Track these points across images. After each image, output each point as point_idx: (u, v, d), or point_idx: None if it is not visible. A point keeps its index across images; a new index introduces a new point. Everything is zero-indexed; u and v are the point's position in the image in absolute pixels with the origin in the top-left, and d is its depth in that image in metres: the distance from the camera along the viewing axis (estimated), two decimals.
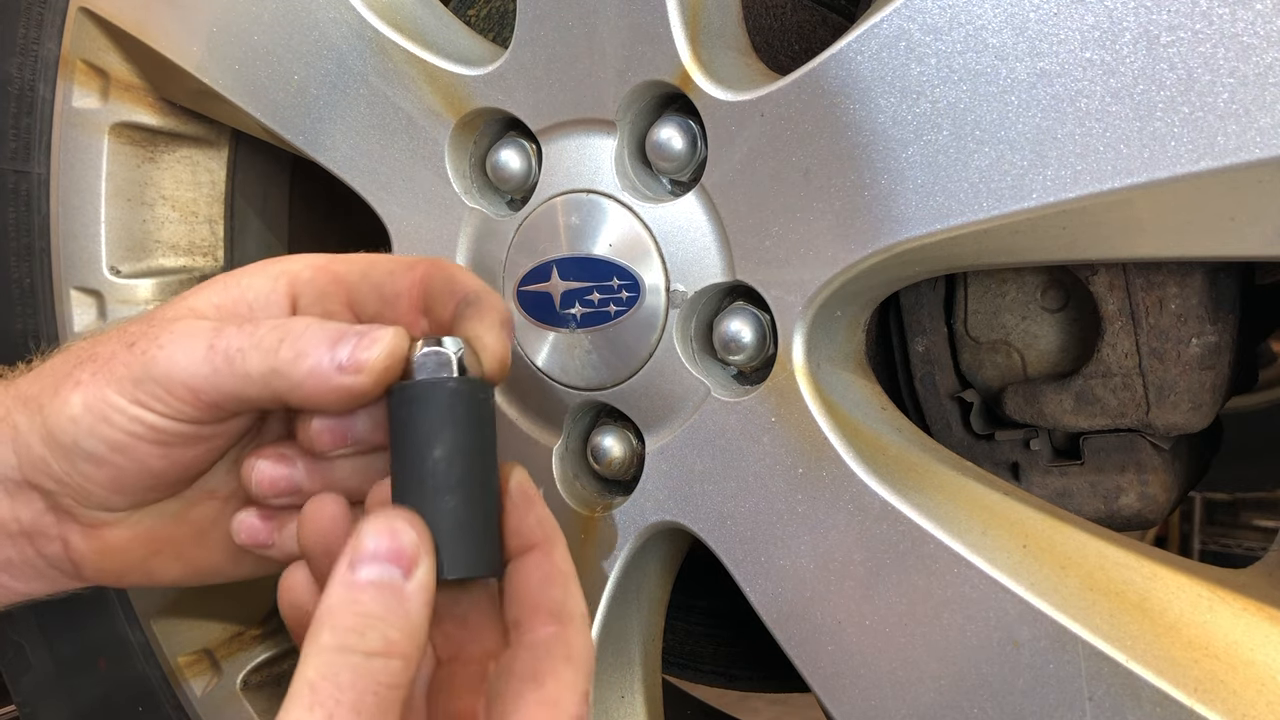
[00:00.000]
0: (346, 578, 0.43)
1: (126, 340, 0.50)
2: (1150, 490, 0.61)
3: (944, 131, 0.47)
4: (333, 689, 0.40)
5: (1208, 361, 0.58)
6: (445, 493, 0.46)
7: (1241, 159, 0.41)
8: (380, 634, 0.42)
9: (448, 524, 0.46)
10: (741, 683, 0.95)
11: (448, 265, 0.52)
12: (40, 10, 0.78)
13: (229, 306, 0.51)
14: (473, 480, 0.47)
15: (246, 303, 0.51)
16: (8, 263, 0.82)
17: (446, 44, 0.65)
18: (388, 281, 0.51)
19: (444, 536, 0.46)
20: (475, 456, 0.47)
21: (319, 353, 0.47)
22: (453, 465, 0.46)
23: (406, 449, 0.47)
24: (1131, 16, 0.42)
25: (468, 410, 0.47)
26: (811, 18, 0.68)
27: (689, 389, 0.58)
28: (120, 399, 0.49)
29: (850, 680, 0.53)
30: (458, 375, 0.48)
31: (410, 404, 0.47)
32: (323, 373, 0.47)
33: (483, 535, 0.47)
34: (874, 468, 0.52)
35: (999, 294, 0.63)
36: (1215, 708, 0.44)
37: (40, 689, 0.88)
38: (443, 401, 0.47)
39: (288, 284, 0.52)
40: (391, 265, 0.52)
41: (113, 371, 0.49)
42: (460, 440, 0.47)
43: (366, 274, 0.52)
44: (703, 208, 0.56)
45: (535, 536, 0.49)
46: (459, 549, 0.46)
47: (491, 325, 0.50)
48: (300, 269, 0.52)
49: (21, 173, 0.80)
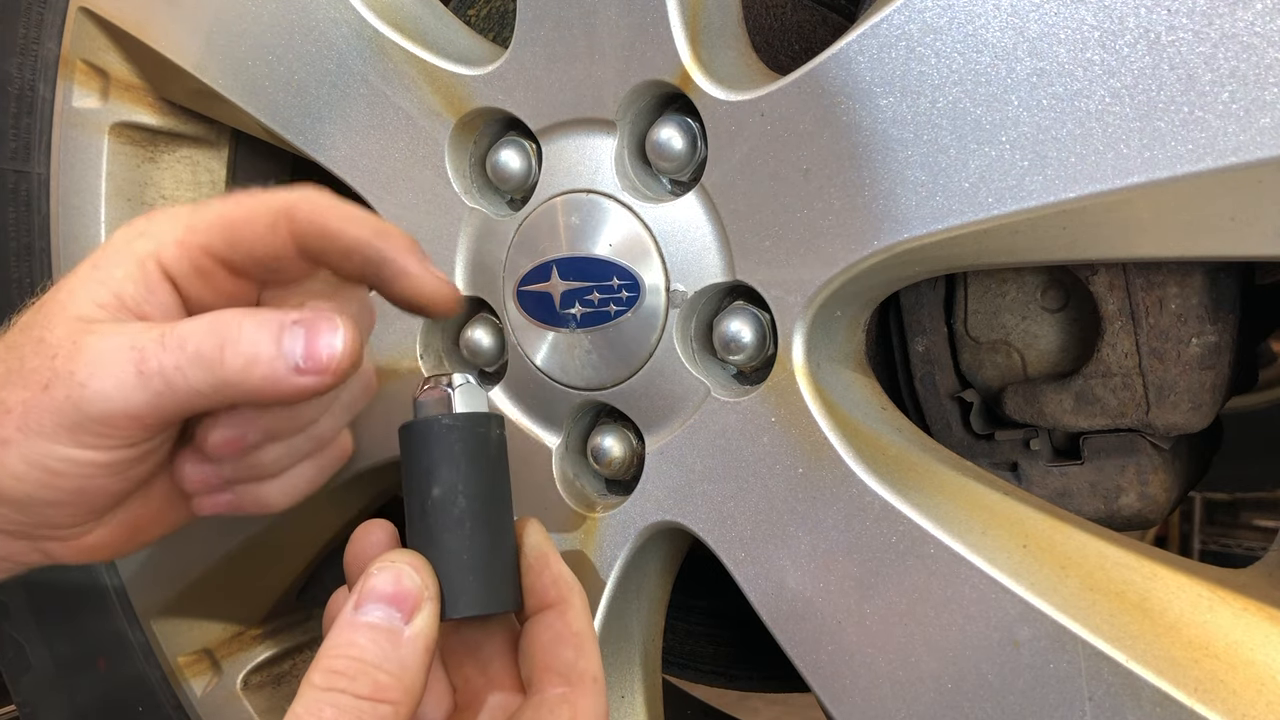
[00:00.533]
0: (350, 618, 0.44)
1: (37, 381, 0.46)
2: (1150, 490, 0.61)
3: (944, 131, 0.47)
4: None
5: (1208, 361, 0.58)
6: (445, 531, 0.46)
7: (1241, 159, 0.40)
8: (371, 679, 0.42)
9: (449, 563, 0.46)
10: (741, 683, 0.95)
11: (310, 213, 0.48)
12: (40, 10, 0.78)
13: (113, 304, 0.48)
14: (475, 517, 0.47)
15: (129, 296, 0.48)
16: (8, 263, 0.82)
17: (446, 44, 0.65)
18: (259, 247, 0.48)
19: (446, 575, 0.46)
20: (477, 493, 0.47)
21: (269, 355, 0.45)
22: (451, 503, 0.46)
23: (411, 488, 0.47)
24: (1132, 16, 0.42)
25: (466, 447, 0.47)
26: (811, 17, 0.68)
27: (689, 389, 0.58)
28: (62, 448, 0.46)
29: (850, 680, 0.53)
30: (454, 412, 0.47)
31: (411, 443, 0.47)
32: (278, 377, 0.45)
33: (487, 572, 0.47)
34: (874, 468, 0.52)
35: (999, 294, 0.63)
36: (1215, 708, 0.44)
37: (40, 689, 0.88)
38: (439, 439, 0.47)
39: (158, 268, 0.49)
40: (254, 229, 0.48)
41: (40, 422, 0.46)
42: (457, 477, 0.46)
43: (233, 244, 0.49)
44: (703, 207, 0.56)
45: (550, 596, 0.49)
46: (460, 588, 0.46)
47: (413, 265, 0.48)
48: (163, 249, 0.48)
49: (21, 173, 0.80)
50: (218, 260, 0.49)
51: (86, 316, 0.47)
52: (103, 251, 0.49)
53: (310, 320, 0.46)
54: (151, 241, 0.49)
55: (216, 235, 0.49)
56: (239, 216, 0.49)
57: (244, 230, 0.48)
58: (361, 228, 0.48)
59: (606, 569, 0.61)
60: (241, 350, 0.45)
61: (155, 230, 0.49)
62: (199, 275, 0.49)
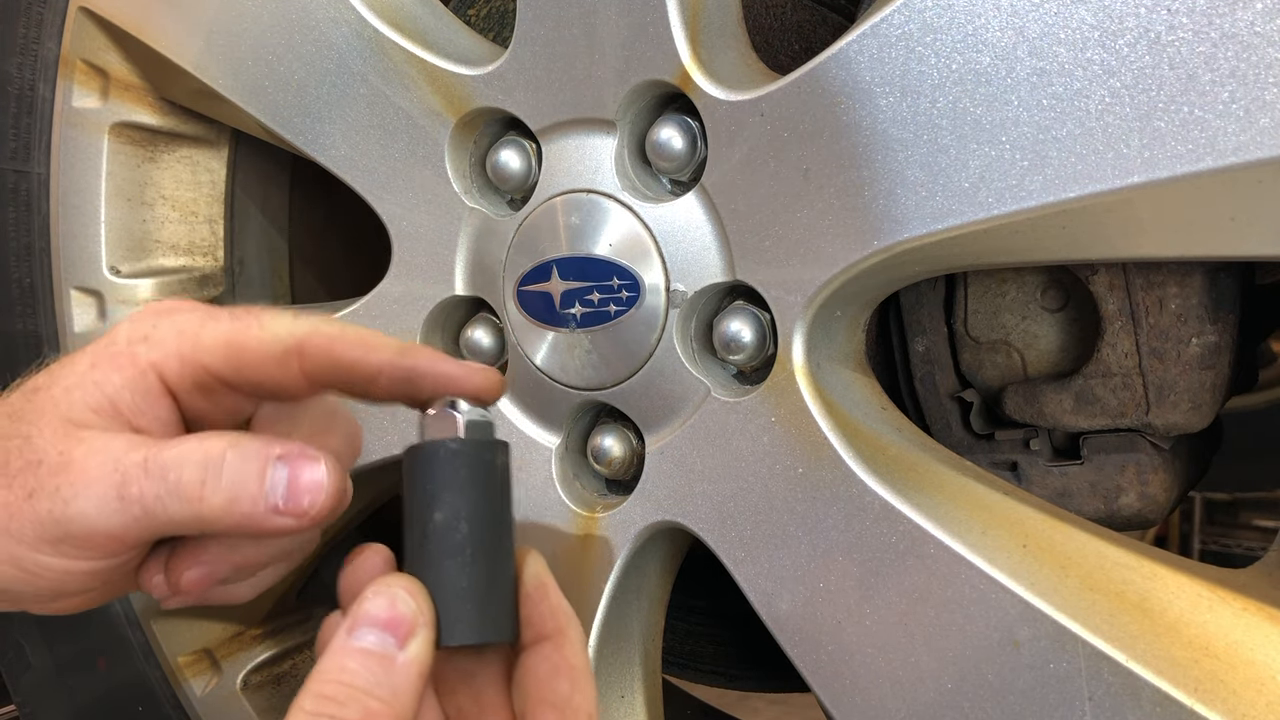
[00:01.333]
0: (343, 642, 0.43)
1: (22, 488, 0.46)
2: (1150, 490, 0.61)
3: (944, 131, 0.47)
4: None
5: (1208, 361, 0.58)
6: (445, 557, 0.46)
7: (1241, 159, 0.40)
8: (361, 705, 0.41)
9: (447, 589, 0.45)
10: (741, 683, 0.95)
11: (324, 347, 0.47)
12: (40, 10, 0.78)
13: (107, 411, 0.47)
14: (476, 545, 0.46)
15: (125, 405, 0.47)
16: (8, 263, 0.82)
17: (446, 44, 0.65)
18: (265, 379, 0.48)
19: (443, 602, 0.45)
20: (480, 520, 0.46)
21: (250, 495, 0.45)
22: (453, 529, 0.46)
23: (411, 512, 0.47)
24: (1132, 16, 0.42)
25: (471, 473, 0.46)
26: (811, 17, 0.68)
27: (689, 389, 0.58)
28: (40, 556, 0.46)
29: (850, 680, 0.53)
30: (461, 438, 0.47)
31: (415, 465, 0.47)
32: (258, 517, 0.45)
33: (485, 601, 0.46)
34: (874, 468, 0.52)
35: (999, 294, 0.63)
36: (1215, 708, 0.44)
37: (40, 689, 0.88)
38: (444, 464, 0.46)
39: (158, 380, 0.47)
40: (263, 363, 0.47)
41: (21, 530, 0.45)
42: (460, 504, 0.46)
43: (239, 371, 0.47)
44: (703, 207, 0.56)
45: (547, 627, 0.48)
46: (458, 615, 0.45)
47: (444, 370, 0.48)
48: (166, 361, 0.47)
49: (21, 173, 0.80)
50: (220, 381, 0.48)
51: (78, 421, 0.47)
52: (104, 350, 0.48)
53: (294, 458, 0.45)
54: (156, 351, 0.48)
55: (222, 359, 0.48)
56: (248, 346, 0.47)
57: (251, 360, 0.48)
58: (382, 352, 0.48)
59: (606, 569, 0.61)
60: (222, 488, 0.45)
61: (160, 338, 0.48)
62: (200, 390, 0.48)
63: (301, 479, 0.45)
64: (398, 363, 0.47)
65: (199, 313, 0.49)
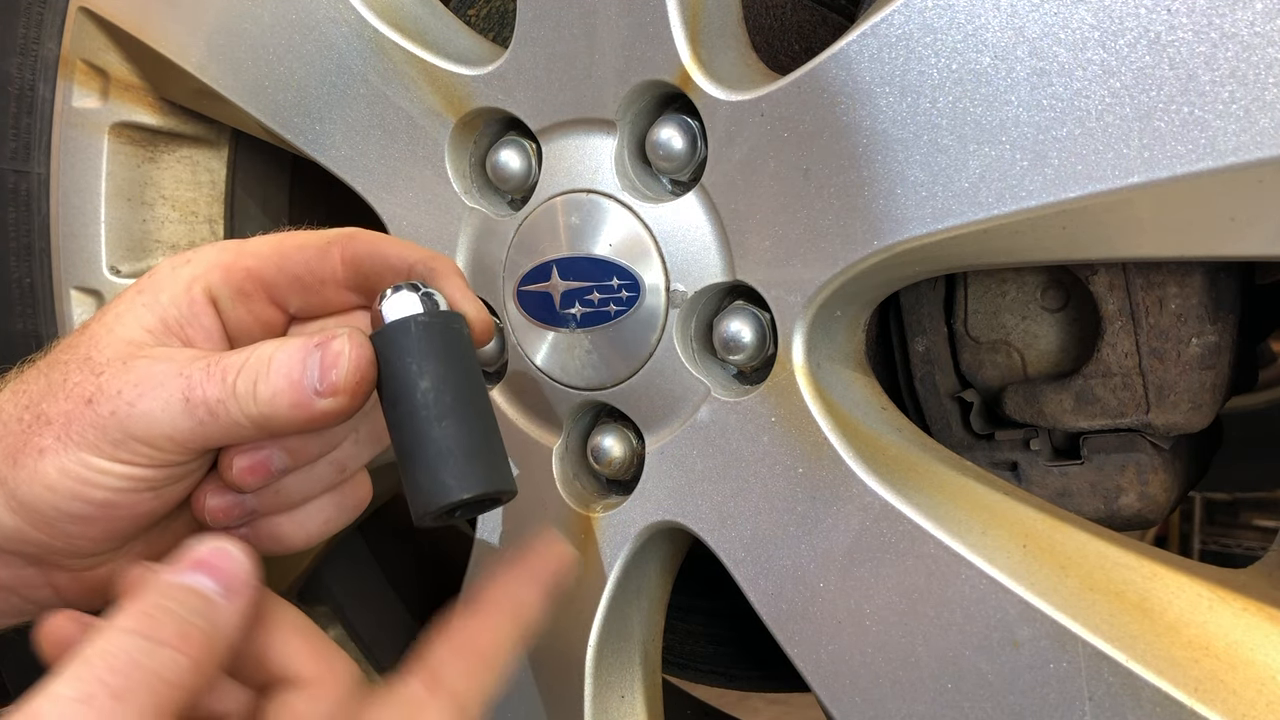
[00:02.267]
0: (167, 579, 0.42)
1: (79, 395, 0.47)
2: (1150, 490, 0.61)
3: (944, 131, 0.47)
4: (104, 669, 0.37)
5: (1208, 361, 0.58)
6: (442, 419, 0.47)
7: (1241, 159, 0.40)
8: (178, 626, 0.40)
9: (449, 446, 0.47)
10: (741, 683, 0.95)
11: (367, 239, 0.51)
12: (40, 10, 0.78)
13: (159, 329, 0.50)
14: (466, 404, 0.48)
15: (174, 320, 0.50)
16: (8, 263, 0.82)
17: (446, 44, 0.65)
18: (306, 271, 0.51)
19: (448, 460, 0.46)
20: (463, 383, 0.48)
21: (293, 384, 0.47)
22: (442, 393, 0.47)
23: (395, 388, 0.48)
24: (1132, 16, 0.42)
25: (446, 342, 0.48)
26: (811, 17, 0.68)
27: (689, 389, 0.58)
28: (101, 460, 0.47)
29: (850, 680, 0.53)
30: (426, 311, 0.48)
31: (389, 345, 0.48)
32: (304, 404, 0.47)
33: (487, 454, 0.48)
34: (874, 467, 0.52)
35: (999, 294, 0.63)
36: (1215, 708, 0.44)
37: None
38: (420, 336, 0.48)
39: (203, 291, 0.51)
40: (305, 254, 0.51)
41: (81, 434, 0.46)
42: (444, 369, 0.47)
43: (281, 267, 0.51)
44: (703, 207, 0.56)
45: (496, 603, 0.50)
46: (467, 468, 0.47)
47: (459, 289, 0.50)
48: (210, 272, 0.51)
49: (21, 173, 0.80)
50: (261, 284, 0.51)
51: (135, 340, 0.49)
52: (149, 278, 0.51)
53: (324, 341, 0.47)
54: (197, 267, 0.51)
55: (267, 258, 0.51)
56: (292, 243, 0.52)
57: (296, 254, 0.51)
58: (416, 251, 0.52)
59: (606, 569, 0.61)
60: (272, 382, 0.47)
61: (200, 257, 0.52)
62: (241, 298, 0.51)
63: (328, 356, 0.47)
64: (426, 262, 0.51)
65: (236, 240, 0.53)
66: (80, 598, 0.52)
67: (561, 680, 0.62)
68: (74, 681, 0.37)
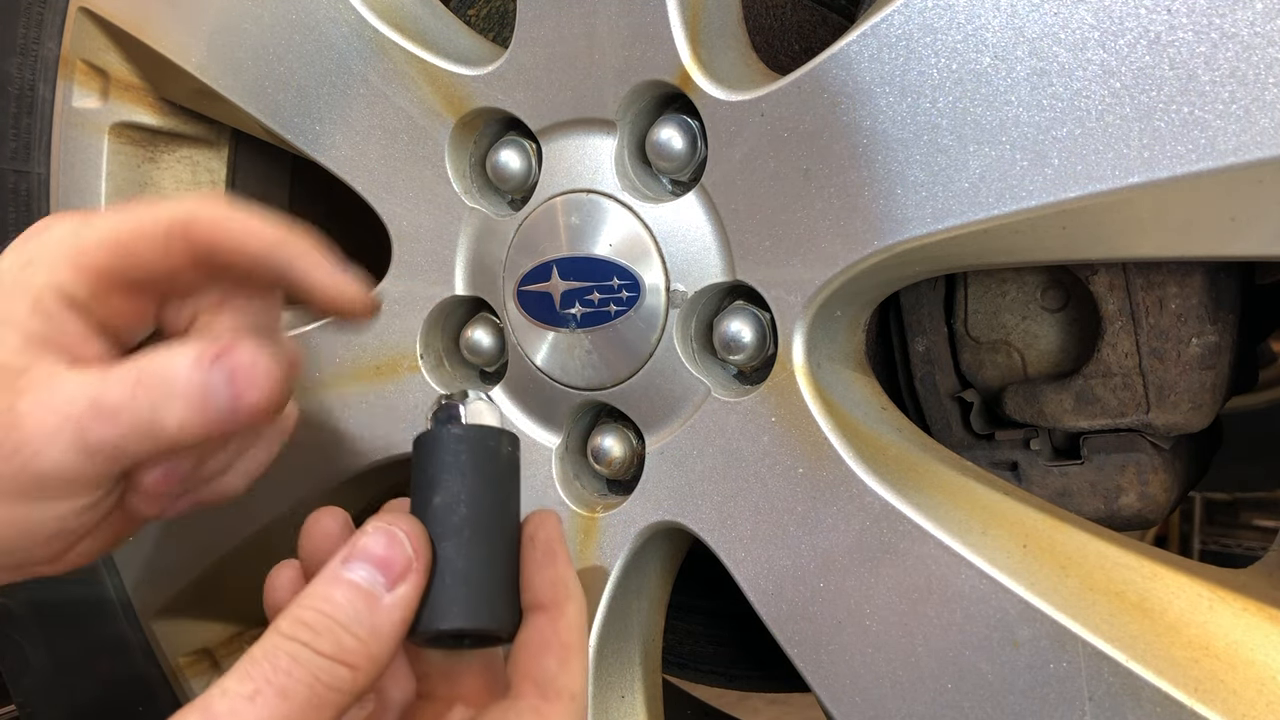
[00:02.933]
0: (335, 571, 0.43)
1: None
2: (1150, 490, 0.61)
3: (944, 131, 0.47)
4: (269, 668, 0.40)
5: (1208, 361, 0.58)
6: (442, 539, 0.45)
7: (1241, 159, 0.40)
8: (335, 639, 0.41)
9: (442, 571, 0.45)
10: (741, 683, 0.95)
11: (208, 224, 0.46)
12: (40, 10, 0.78)
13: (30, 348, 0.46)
14: (474, 527, 0.46)
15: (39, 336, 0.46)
16: None
17: (446, 44, 0.65)
18: (152, 265, 0.47)
19: (438, 585, 0.44)
20: (479, 504, 0.46)
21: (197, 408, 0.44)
22: (451, 511, 0.45)
23: (416, 500, 0.47)
24: (1132, 16, 0.42)
25: (473, 458, 0.46)
26: (811, 17, 0.68)
27: (689, 389, 0.58)
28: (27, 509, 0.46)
29: (850, 680, 0.53)
30: (463, 423, 0.47)
31: (419, 453, 0.47)
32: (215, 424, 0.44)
33: (481, 586, 0.46)
34: (874, 468, 0.52)
35: (999, 294, 0.63)
36: (1215, 708, 0.44)
37: (40, 689, 0.88)
38: (444, 448, 0.46)
39: (56, 297, 0.46)
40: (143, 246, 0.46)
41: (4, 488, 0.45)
42: (459, 487, 0.46)
43: (125, 261, 0.47)
44: (703, 207, 0.56)
45: (545, 597, 0.47)
46: (453, 598, 0.45)
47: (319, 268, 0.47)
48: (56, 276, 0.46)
49: (21, 173, 0.80)
50: (112, 281, 0.47)
51: (11, 366, 0.46)
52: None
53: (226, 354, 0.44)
54: (42, 271, 0.47)
55: (107, 256, 0.47)
56: (127, 234, 0.47)
57: (135, 249, 0.47)
58: (260, 239, 0.47)
59: (607, 569, 0.61)
60: (174, 413, 0.44)
61: (45, 257, 0.47)
62: (102, 294, 0.47)
63: (240, 376, 0.44)
64: (274, 254, 0.47)
65: (74, 219, 0.48)
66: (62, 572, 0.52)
67: None
68: (244, 680, 0.39)
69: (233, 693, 0.39)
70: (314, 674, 0.40)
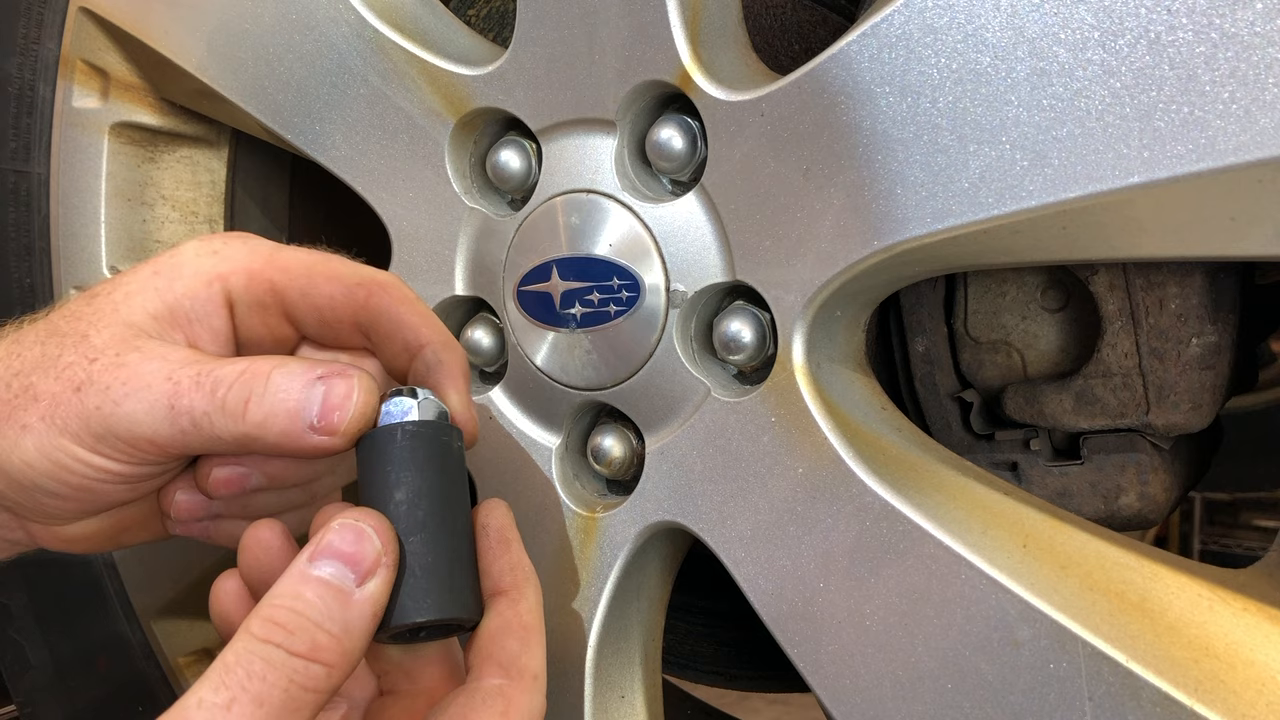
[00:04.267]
0: (302, 569, 0.43)
1: (70, 379, 0.46)
2: (1150, 490, 0.61)
3: (944, 131, 0.47)
4: (244, 675, 0.40)
5: (1208, 361, 0.58)
6: (407, 535, 0.45)
7: (1241, 159, 0.40)
8: (309, 637, 0.41)
9: (411, 565, 0.45)
10: (741, 683, 0.95)
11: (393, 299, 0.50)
12: (40, 10, 0.78)
13: (165, 318, 0.48)
14: (437, 523, 0.46)
15: (184, 313, 0.49)
16: (8, 263, 0.82)
17: (446, 44, 0.65)
18: (327, 305, 0.50)
19: (407, 580, 0.45)
20: (439, 499, 0.46)
21: (288, 413, 0.46)
22: (415, 508, 0.46)
23: (371, 494, 0.46)
24: (1132, 16, 0.42)
25: (430, 454, 0.47)
26: (811, 17, 0.68)
27: (689, 389, 0.58)
28: (80, 450, 0.46)
29: (850, 680, 0.53)
30: (418, 420, 0.47)
31: (372, 449, 0.47)
32: (295, 434, 0.46)
33: (449, 578, 0.46)
34: (874, 468, 0.52)
35: (999, 294, 0.63)
36: (1215, 708, 0.44)
37: (40, 689, 0.88)
38: (404, 445, 0.46)
39: (222, 291, 0.49)
40: (332, 288, 0.50)
41: (65, 421, 0.46)
42: (420, 483, 0.46)
43: (306, 292, 0.50)
44: (703, 207, 0.56)
45: (504, 582, 0.48)
46: (425, 590, 0.45)
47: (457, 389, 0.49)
48: (234, 274, 0.49)
49: (21, 173, 0.80)
50: (282, 302, 0.50)
51: (137, 325, 0.48)
52: (169, 258, 0.50)
53: (331, 376, 0.46)
54: (224, 264, 0.49)
55: (295, 278, 0.49)
56: (324, 271, 0.50)
57: (324, 285, 0.49)
58: (431, 331, 0.50)
59: (606, 569, 0.61)
60: (265, 406, 0.45)
61: (230, 253, 0.50)
62: (258, 309, 0.50)
63: (334, 395, 0.46)
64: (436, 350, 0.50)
65: (269, 242, 0.51)
66: (53, 544, 0.53)
67: (562, 680, 0.62)
68: (219, 690, 0.39)
69: (208, 703, 0.39)
70: (289, 676, 0.40)
